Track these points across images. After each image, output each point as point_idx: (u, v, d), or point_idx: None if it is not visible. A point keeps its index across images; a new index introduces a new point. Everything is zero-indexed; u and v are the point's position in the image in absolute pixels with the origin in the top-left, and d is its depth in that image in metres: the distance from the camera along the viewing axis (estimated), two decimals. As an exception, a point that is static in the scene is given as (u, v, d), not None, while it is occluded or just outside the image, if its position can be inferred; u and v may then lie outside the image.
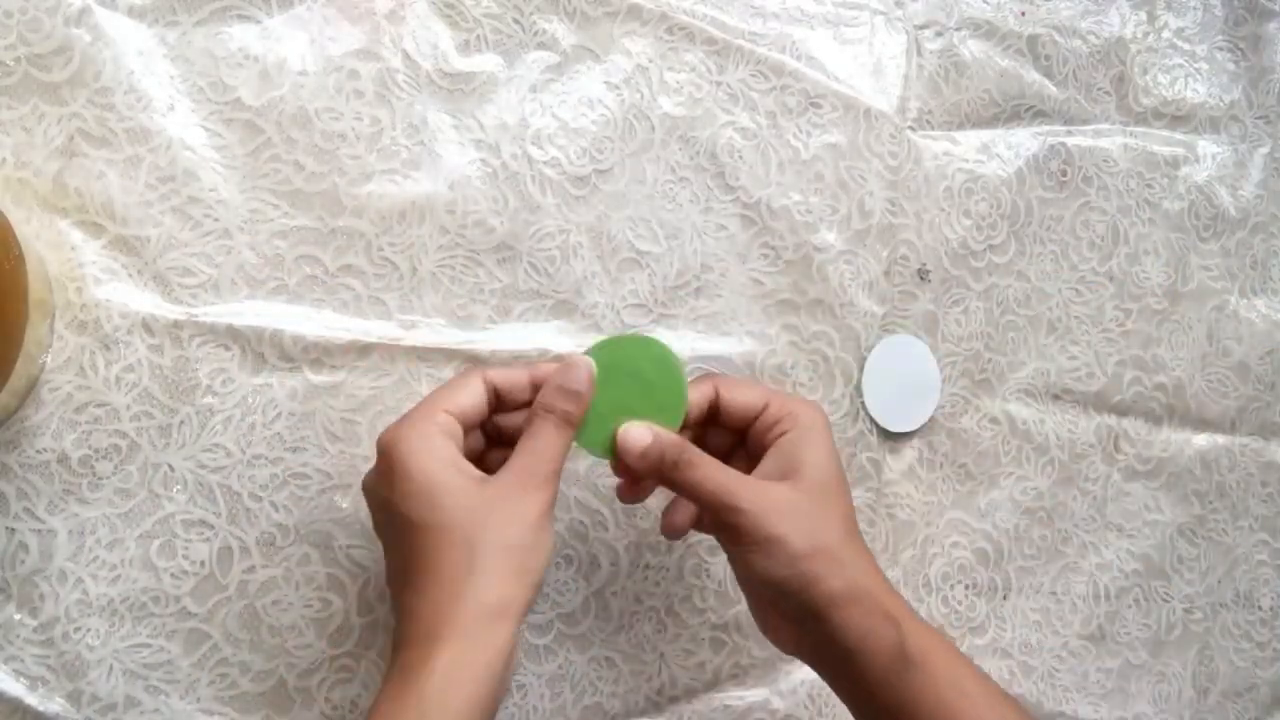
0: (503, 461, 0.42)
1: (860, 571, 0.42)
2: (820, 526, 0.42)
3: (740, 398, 0.45)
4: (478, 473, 0.41)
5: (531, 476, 0.41)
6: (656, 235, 0.55)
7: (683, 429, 0.45)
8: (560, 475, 0.42)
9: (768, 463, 0.44)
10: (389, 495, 0.40)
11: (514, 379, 0.44)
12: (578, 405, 0.42)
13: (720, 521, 0.43)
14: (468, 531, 0.39)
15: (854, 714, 0.44)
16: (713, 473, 0.42)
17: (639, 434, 0.43)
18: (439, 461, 0.40)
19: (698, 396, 0.45)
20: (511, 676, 0.41)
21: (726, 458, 0.45)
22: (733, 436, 0.47)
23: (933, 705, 0.41)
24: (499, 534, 0.39)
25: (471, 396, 0.42)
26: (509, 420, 0.45)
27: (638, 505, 0.54)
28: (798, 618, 0.43)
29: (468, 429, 0.43)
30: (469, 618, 0.38)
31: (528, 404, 0.43)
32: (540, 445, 0.42)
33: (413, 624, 0.39)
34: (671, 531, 0.47)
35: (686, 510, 0.46)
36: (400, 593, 0.41)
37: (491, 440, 0.46)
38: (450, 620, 0.38)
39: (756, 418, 0.45)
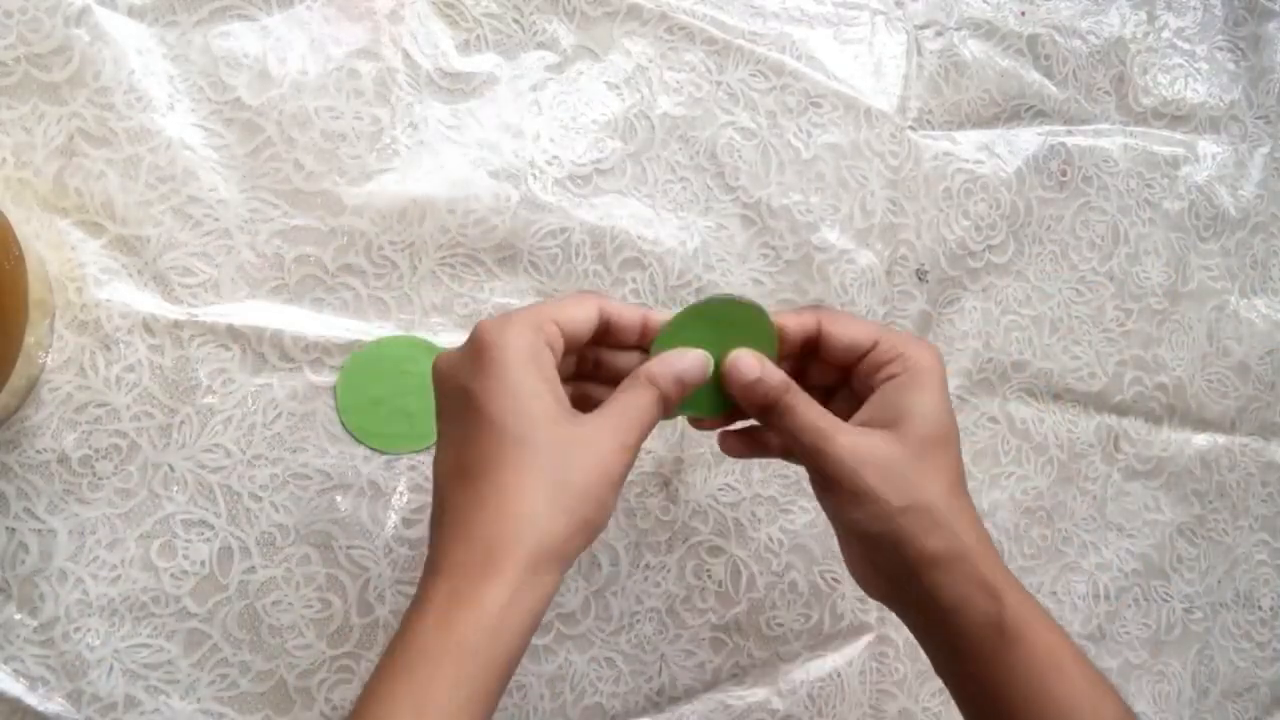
0: (586, 396, 0.40)
1: (962, 532, 0.39)
2: (920, 482, 0.39)
3: (846, 332, 0.42)
4: (565, 399, 0.38)
5: (622, 434, 0.38)
6: (656, 235, 0.55)
7: (781, 360, 0.42)
8: (641, 446, 0.39)
9: (871, 407, 0.41)
10: (473, 385, 0.37)
11: (628, 317, 0.41)
12: (680, 394, 0.40)
13: (814, 470, 0.40)
14: (557, 461, 0.36)
15: (943, 678, 0.42)
16: (816, 419, 0.40)
17: (748, 364, 0.40)
18: (539, 372, 0.37)
19: (797, 325, 0.42)
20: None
21: (827, 397, 0.43)
22: (837, 373, 0.44)
23: (1026, 682, 0.39)
24: (585, 476, 0.36)
25: (584, 317, 0.39)
26: (610, 357, 0.42)
27: (638, 506, 0.54)
28: (891, 573, 0.41)
29: (569, 350, 0.40)
30: (533, 555, 0.35)
31: (633, 347, 0.41)
32: (635, 411, 0.39)
33: (468, 544, 0.36)
34: (728, 448, 0.44)
35: (734, 436, 0.44)
36: (457, 492, 0.37)
37: (585, 371, 0.43)
38: (514, 553, 0.35)
39: (863, 356, 0.42)
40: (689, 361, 0.40)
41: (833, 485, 0.39)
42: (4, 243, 0.42)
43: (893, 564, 0.40)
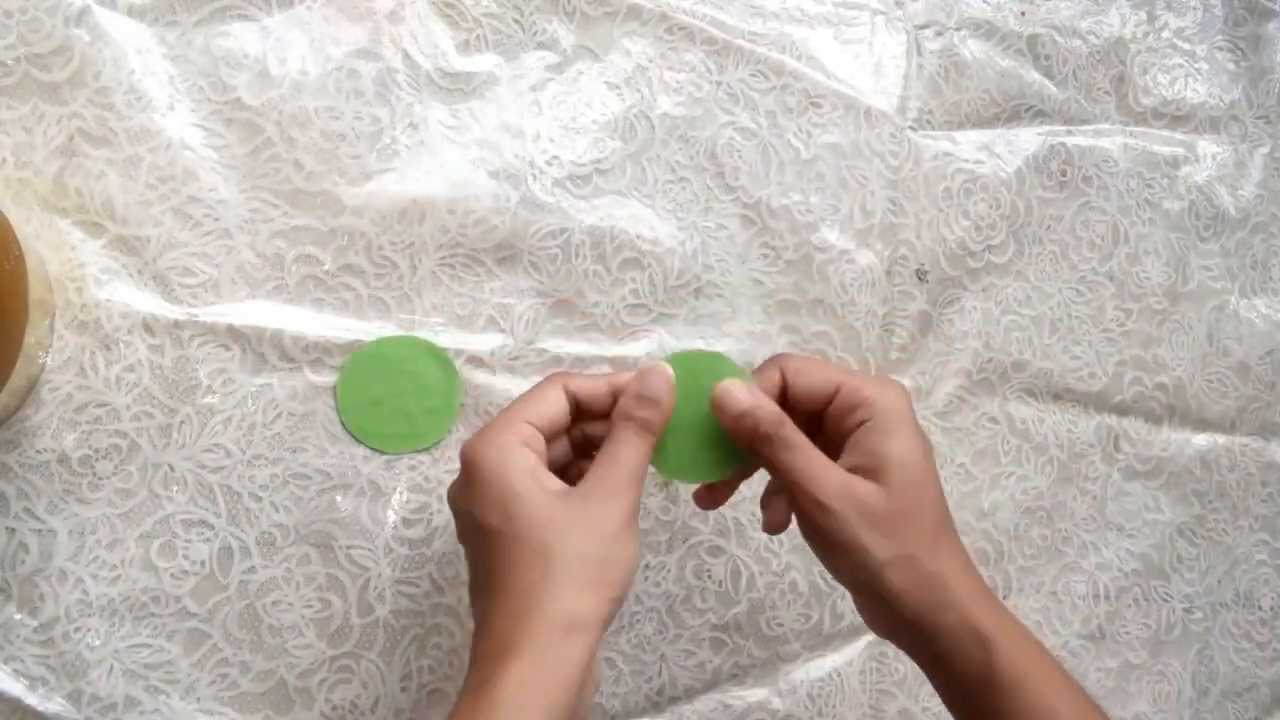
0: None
1: (950, 579, 0.40)
2: (906, 531, 0.40)
3: (808, 382, 0.43)
4: (558, 483, 0.40)
5: (610, 485, 0.40)
6: (656, 235, 0.55)
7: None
8: (642, 483, 0.41)
9: (850, 456, 0.41)
10: (469, 505, 0.40)
11: (593, 388, 0.43)
12: (656, 412, 0.41)
13: (802, 515, 0.41)
14: (543, 542, 0.38)
15: (951, 712, 0.43)
16: (805, 460, 0.40)
17: (740, 394, 0.41)
18: (519, 472, 0.39)
19: (763, 383, 0.43)
20: (594, 693, 0.40)
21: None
22: (807, 420, 0.44)
23: None
24: (575, 545, 0.38)
25: (553, 406, 0.42)
26: (595, 429, 0.44)
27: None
28: (886, 621, 0.42)
29: (551, 438, 0.42)
30: (542, 631, 0.37)
31: (609, 412, 0.43)
32: (619, 453, 0.40)
33: (486, 638, 0.38)
34: (773, 529, 0.45)
35: (779, 500, 0.44)
36: (478, 604, 0.40)
37: (579, 449, 0.45)
38: (522, 633, 0.37)
39: (829, 402, 0.43)
40: (647, 378, 0.41)
41: (820, 533, 0.40)
42: (4, 243, 0.42)
43: (883, 613, 0.41)
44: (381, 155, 0.51)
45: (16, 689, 0.46)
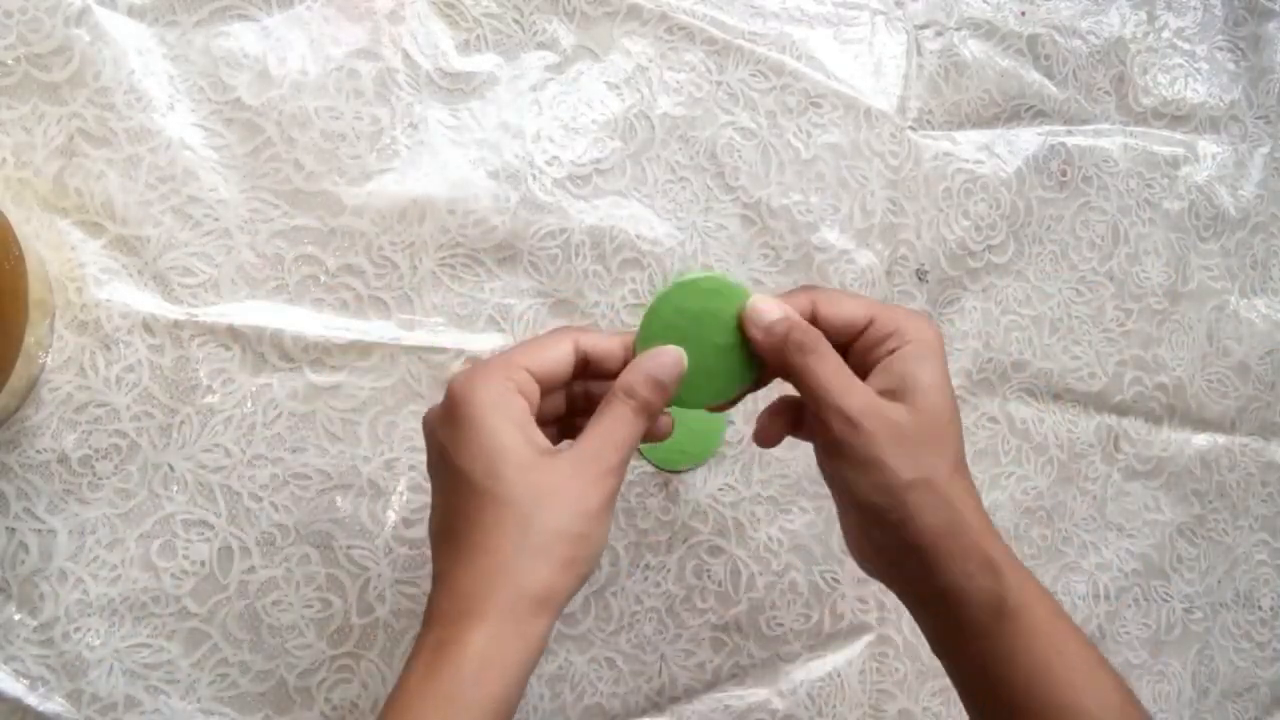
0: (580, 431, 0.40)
1: (965, 509, 0.39)
2: (929, 457, 0.38)
3: (841, 312, 0.41)
4: (546, 444, 0.38)
5: (599, 462, 0.38)
6: (656, 235, 0.55)
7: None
8: (628, 465, 0.39)
9: (879, 378, 0.40)
10: (449, 444, 0.38)
11: (605, 347, 0.41)
12: (660, 396, 0.40)
13: (826, 430, 0.39)
14: (525, 509, 0.37)
15: (941, 658, 0.41)
16: (835, 373, 0.39)
17: (772, 305, 0.40)
18: (509, 423, 0.37)
19: (792, 311, 0.41)
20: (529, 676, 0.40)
21: None
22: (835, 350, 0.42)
23: (1027, 661, 0.38)
24: (556, 518, 0.37)
25: (557, 357, 0.40)
26: (599, 388, 0.42)
27: (638, 506, 0.54)
28: (890, 549, 0.40)
29: (548, 391, 0.40)
30: (511, 601, 0.36)
31: (617, 374, 0.41)
32: (614, 430, 0.39)
33: (451, 597, 0.37)
34: (765, 443, 0.44)
35: (780, 420, 0.43)
36: (442, 553, 0.38)
37: (574, 406, 0.43)
38: (492, 600, 0.36)
39: (860, 334, 0.41)
40: (661, 359, 0.40)
41: (844, 449, 0.38)
42: (4, 243, 0.42)
43: (892, 539, 0.39)
44: (381, 155, 0.51)
45: (16, 689, 0.46)
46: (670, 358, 0.40)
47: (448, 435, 0.38)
